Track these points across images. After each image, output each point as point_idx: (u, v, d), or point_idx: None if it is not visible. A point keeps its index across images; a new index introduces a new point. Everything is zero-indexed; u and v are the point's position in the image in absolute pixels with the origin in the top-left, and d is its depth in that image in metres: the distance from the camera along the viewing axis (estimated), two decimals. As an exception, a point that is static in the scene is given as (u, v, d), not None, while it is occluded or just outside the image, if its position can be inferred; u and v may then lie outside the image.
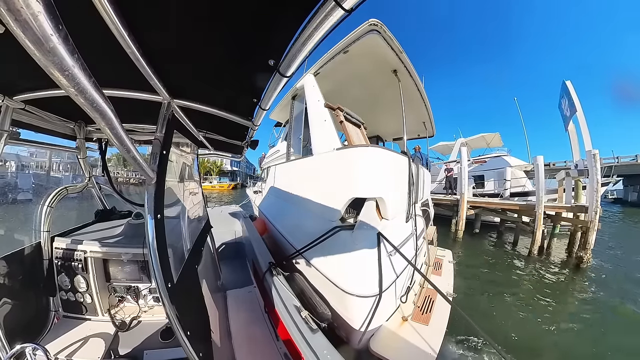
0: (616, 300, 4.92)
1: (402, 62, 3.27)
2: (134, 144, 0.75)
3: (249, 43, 0.86)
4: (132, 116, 1.68)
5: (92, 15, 0.59)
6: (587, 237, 6.70)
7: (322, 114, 3.01)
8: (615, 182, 13.89)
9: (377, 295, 2.09)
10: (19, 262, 1.56)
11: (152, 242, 0.93)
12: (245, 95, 1.26)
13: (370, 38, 2.83)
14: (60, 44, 0.37)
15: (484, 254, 7.95)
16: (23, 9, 0.31)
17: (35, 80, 1.12)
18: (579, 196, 8.29)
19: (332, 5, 0.58)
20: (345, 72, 3.66)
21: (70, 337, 1.60)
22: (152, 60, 0.88)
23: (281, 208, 4.02)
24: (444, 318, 2.51)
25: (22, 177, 22.02)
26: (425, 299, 2.82)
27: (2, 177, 20.47)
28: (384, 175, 2.49)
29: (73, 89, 0.45)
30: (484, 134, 17.43)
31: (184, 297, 1.11)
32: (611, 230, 12.31)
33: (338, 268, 2.25)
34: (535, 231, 7.63)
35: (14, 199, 17.25)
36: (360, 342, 2.18)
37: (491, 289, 5.29)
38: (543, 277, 6.05)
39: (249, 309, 2.27)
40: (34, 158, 31.81)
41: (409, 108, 4.10)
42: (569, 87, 9.06)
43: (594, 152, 6.81)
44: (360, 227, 2.23)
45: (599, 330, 3.91)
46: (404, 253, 2.18)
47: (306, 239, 2.51)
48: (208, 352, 1.28)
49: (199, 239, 1.90)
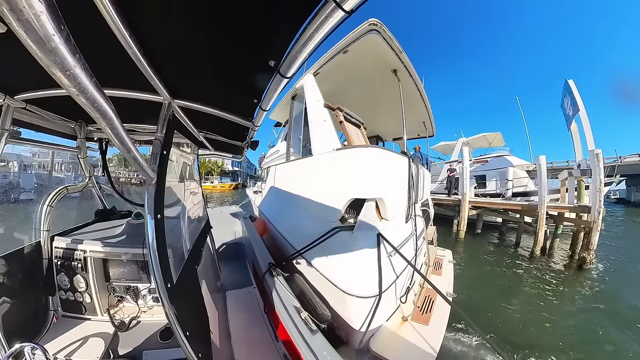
0: (617, 302, 4.89)
1: (402, 61, 3.27)
2: (134, 144, 0.76)
3: (249, 44, 0.86)
4: (133, 116, 1.69)
5: (93, 16, 0.60)
6: (590, 238, 6.66)
7: (321, 114, 3.01)
8: (619, 182, 13.79)
9: (377, 295, 2.09)
10: (19, 261, 1.56)
11: (151, 242, 0.94)
12: (246, 96, 1.26)
13: (369, 38, 2.83)
14: (62, 44, 0.38)
15: (486, 255, 7.91)
16: (25, 8, 0.31)
17: (36, 79, 1.13)
18: (582, 196, 8.21)
19: (333, 7, 0.58)
20: (345, 72, 3.66)
21: (69, 336, 1.61)
22: (153, 61, 0.88)
23: (281, 208, 4.03)
24: (443, 318, 2.51)
25: (25, 177, 22.19)
26: (425, 299, 2.82)
27: (5, 176, 20.63)
28: (383, 175, 2.49)
29: (74, 88, 0.45)
30: (485, 134, 17.38)
31: (183, 298, 1.11)
32: (614, 231, 12.22)
33: (338, 268, 2.25)
34: (538, 232, 7.60)
35: (16, 198, 17.38)
36: (361, 343, 2.18)
37: (491, 290, 5.26)
38: (545, 278, 6.01)
39: (249, 309, 2.27)
40: (36, 158, 32.04)
41: (409, 108, 4.09)
42: (572, 86, 8.99)
43: (597, 152, 6.76)
44: (360, 228, 2.23)
45: (598, 331, 3.88)
46: (403, 253, 2.18)
47: (306, 239, 2.51)
48: (207, 352, 1.27)
49: (198, 239, 1.90)
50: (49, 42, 0.36)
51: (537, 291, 5.31)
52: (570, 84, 9.10)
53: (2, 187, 18.41)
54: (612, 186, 13.30)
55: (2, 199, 16.73)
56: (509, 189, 12.40)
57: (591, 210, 6.76)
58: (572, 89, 8.93)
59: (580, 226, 7.29)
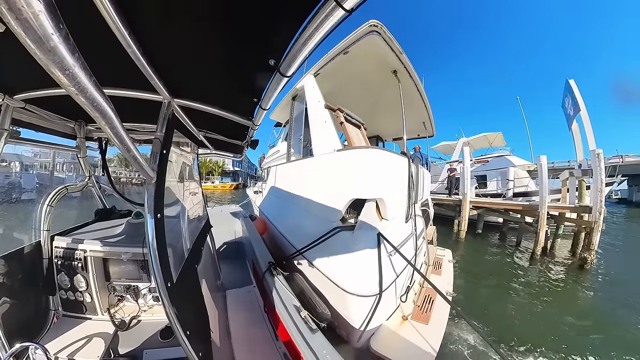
0: (618, 304, 4.87)
1: (402, 62, 3.29)
2: (134, 143, 0.75)
3: (249, 42, 0.86)
4: (133, 115, 1.69)
5: (92, 15, 0.59)
6: (591, 238, 6.62)
7: (322, 114, 3.02)
8: (620, 182, 13.70)
9: (377, 294, 2.11)
10: (19, 261, 1.56)
11: (151, 242, 0.94)
12: (246, 95, 1.26)
13: (370, 39, 2.84)
14: (61, 43, 0.37)
15: (487, 255, 7.90)
16: (24, 7, 0.31)
17: (35, 79, 1.12)
18: (583, 196, 8.18)
19: (333, 5, 0.58)
20: (345, 73, 3.67)
21: (69, 336, 1.61)
22: (153, 60, 0.88)
23: (281, 208, 4.04)
24: (443, 317, 2.53)
25: (26, 177, 22.29)
26: (425, 298, 2.83)
27: (7, 176, 20.73)
28: (383, 176, 2.51)
29: (73, 88, 0.45)
30: (486, 134, 17.35)
31: (183, 297, 1.11)
32: (616, 231, 12.18)
33: (339, 268, 2.27)
34: (539, 232, 7.57)
35: (17, 198, 17.47)
36: (360, 341, 2.20)
37: (491, 291, 5.24)
38: (545, 279, 6.00)
39: (249, 308, 2.27)
40: (37, 158, 32.16)
41: (409, 108, 4.11)
42: (572, 86, 8.96)
43: (598, 152, 6.72)
44: (361, 228, 2.25)
45: (598, 334, 3.86)
46: (403, 253, 2.20)
47: (306, 239, 2.53)
48: (207, 351, 1.28)
49: (198, 239, 1.90)
50: (48, 41, 0.36)
51: (536, 292, 5.28)
52: (571, 83, 9.08)
53: (3, 187, 18.49)
54: (614, 186, 13.24)
55: (4, 199, 16.80)
56: (510, 189, 12.37)
57: (592, 210, 6.74)
58: (573, 89, 8.90)
59: (581, 226, 7.28)
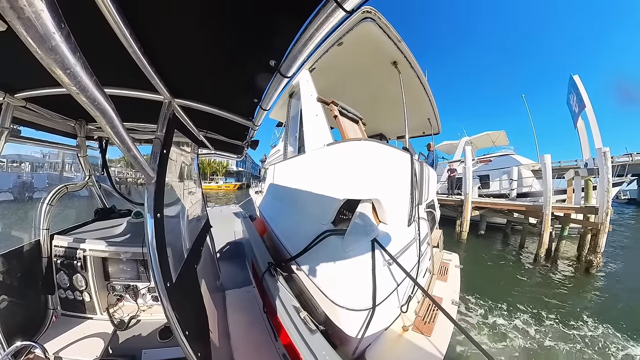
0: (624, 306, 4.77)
1: (401, 51, 3.06)
2: (134, 143, 0.75)
3: (250, 43, 0.86)
4: (133, 115, 1.70)
5: (94, 14, 0.59)
6: (598, 240, 6.49)
7: (313, 108, 2.73)
8: (630, 181, 13.37)
9: (370, 309, 1.83)
10: (18, 260, 1.57)
11: (151, 241, 0.93)
12: (246, 96, 1.27)
13: (364, 26, 2.61)
14: (62, 42, 0.38)
15: (488, 257, 7.80)
16: (26, 6, 0.32)
17: (36, 78, 1.13)
18: (589, 197, 7.98)
19: (334, 7, 0.58)
20: (342, 67, 3.47)
21: (68, 335, 1.61)
22: (154, 60, 0.88)
23: (276, 209, 3.83)
24: (448, 328, 2.25)
25: (38, 177, 23.31)
26: (428, 308, 2.55)
27: (19, 177, 21.51)
28: (380, 173, 2.16)
29: (74, 87, 0.45)
30: (489, 132, 17.20)
31: (182, 297, 1.11)
32: (624, 233, 11.94)
33: (327, 277, 1.98)
34: (543, 233, 7.45)
35: (30, 196, 18.15)
36: (355, 354, 1.97)
37: (491, 294, 5.15)
38: (549, 283, 5.87)
39: (248, 309, 2.26)
40: (47, 159, 32.90)
41: (412, 102, 3.85)
42: (577, 82, 8.76)
43: (605, 150, 6.55)
44: (352, 233, 1.90)
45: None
46: (405, 260, 1.95)
47: (299, 242, 2.26)
48: (206, 351, 1.27)
49: (198, 239, 1.90)
50: (49, 40, 0.36)
51: (539, 297, 5.18)
52: (576, 79, 8.89)
53: (16, 187, 19.13)
54: (623, 186, 12.92)
55: (18, 197, 17.65)
56: (513, 189, 12.21)
57: (599, 211, 6.59)
58: (578, 85, 8.72)
59: (587, 228, 7.13)
